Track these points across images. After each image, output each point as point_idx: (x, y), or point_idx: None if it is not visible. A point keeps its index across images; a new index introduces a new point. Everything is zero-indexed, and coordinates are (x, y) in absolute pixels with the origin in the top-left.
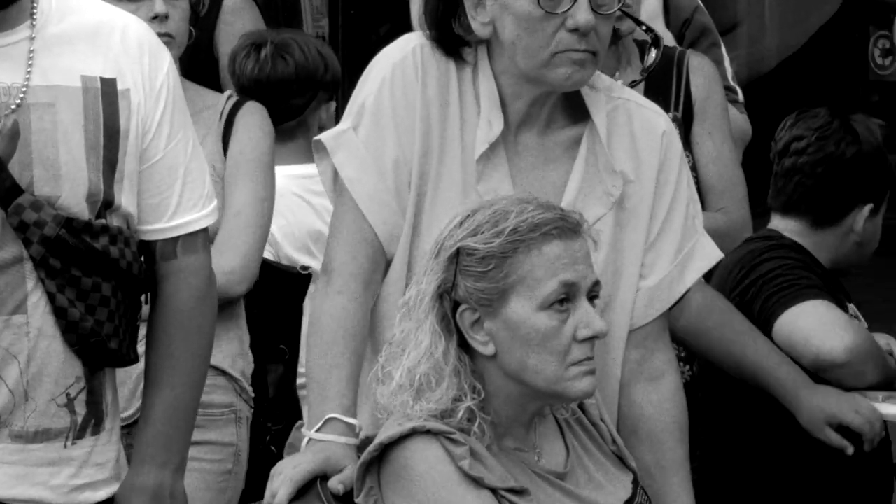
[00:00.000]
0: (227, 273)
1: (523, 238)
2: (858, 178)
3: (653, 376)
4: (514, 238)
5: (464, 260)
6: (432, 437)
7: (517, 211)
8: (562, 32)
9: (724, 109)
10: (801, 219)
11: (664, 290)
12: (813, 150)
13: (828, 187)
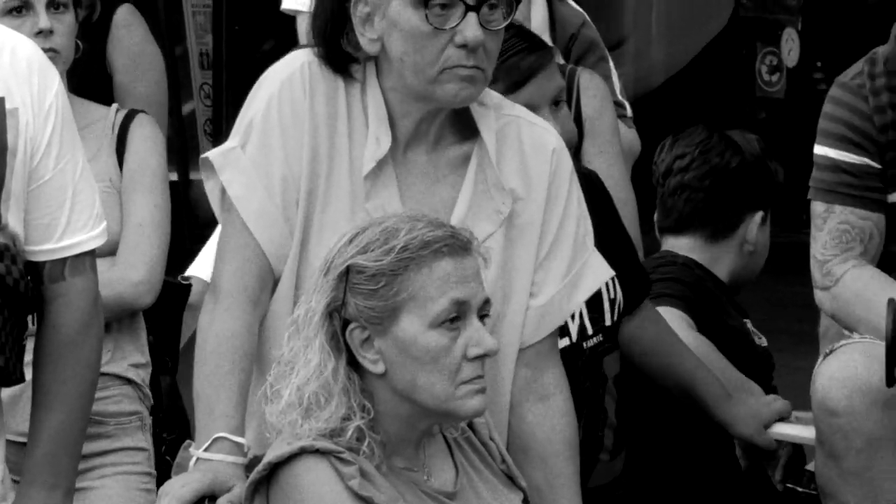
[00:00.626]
0: (136, 284)
1: (413, 256)
2: (746, 187)
3: (543, 395)
4: (404, 256)
5: (353, 278)
6: (321, 456)
7: (407, 228)
8: (450, 48)
9: (614, 128)
10: (695, 235)
11: (555, 308)
12: (697, 164)
13: (718, 198)
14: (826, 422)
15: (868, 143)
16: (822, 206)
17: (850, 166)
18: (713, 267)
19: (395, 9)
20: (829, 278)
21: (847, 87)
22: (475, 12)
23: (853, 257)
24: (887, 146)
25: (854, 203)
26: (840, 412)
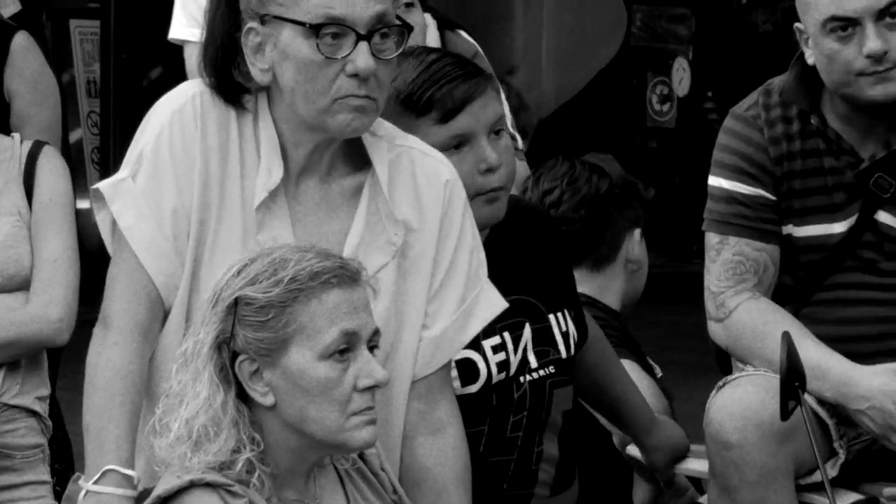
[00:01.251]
0: (55, 322)
1: (303, 287)
2: (620, 207)
3: (435, 428)
4: (293, 287)
5: (242, 310)
6: (211, 489)
7: (296, 259)
8: (342, 78)
9: None
10: (579, 267)
11: (447, 340)
12: (568, 196)
13: (597, 225)
14: (719, 455)
15: (762, 175)
16: (716, 238)
17: (745, 197)
18: (603, 297)
19: (286, 38)
20: (722, 310)
21: (742, 118)
22: (366, 42)
23: (747, 289)
24: (782, 178)
25: (748, 234)
26: (733, 445)
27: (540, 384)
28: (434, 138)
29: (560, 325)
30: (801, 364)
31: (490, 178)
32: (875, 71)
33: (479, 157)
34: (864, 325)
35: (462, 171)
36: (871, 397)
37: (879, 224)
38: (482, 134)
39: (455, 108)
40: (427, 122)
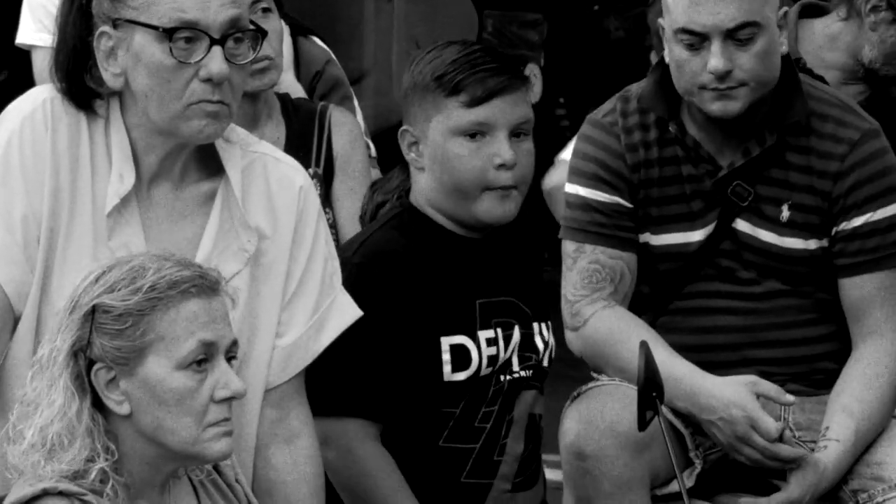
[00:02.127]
0: None
1: (161, 296)
2: None
3: (288, 437)
4: (151, 295)
5: (99, 317)
6: (64, 498)
7: (155, 268)
8: (195, 83)
9: (366, 166)
10: None
11: (301, 348)
12: None
13: None
14: (574, 465)
15: (620, 182)
16: (572, 246)
17: (602, 205)
18: None
19: (138, 43)
20: (577, 319)
21: (599, 125)
22: (220, 46)
23: (603, 298)
24: (639, 185)
25: (605, 242)
26: (589, 456)
27: (516, 385)
28: (456, 121)
29: (542, 335)
30: (659, 374)
31: (502, 174)
32: (716, 88)
33: (494, 152)
34: (722, 335)
35: (475, 163)
36: (721, 408)
37: (738, 232)
38: (503, 129)
39: (483, 96)
40: (454, 103)
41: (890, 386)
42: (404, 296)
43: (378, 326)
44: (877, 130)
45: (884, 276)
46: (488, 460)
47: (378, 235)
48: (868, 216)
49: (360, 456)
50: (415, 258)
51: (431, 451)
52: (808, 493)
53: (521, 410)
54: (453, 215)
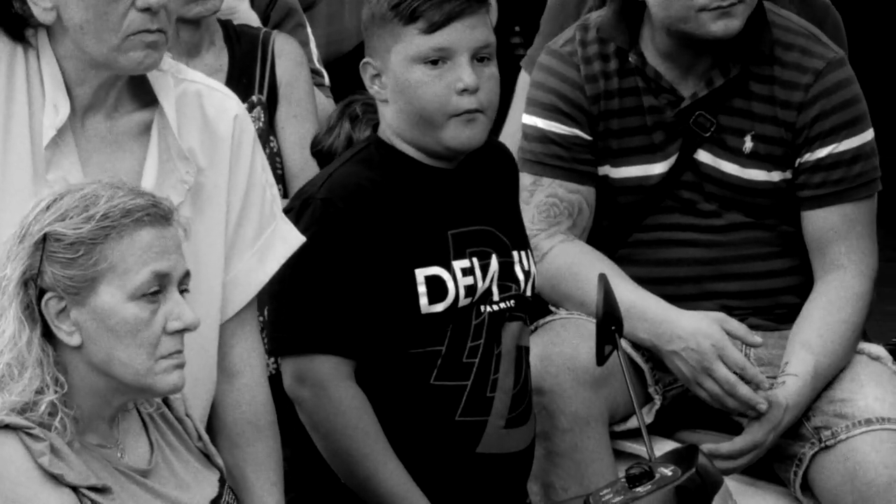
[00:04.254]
0: None
1: (115, 224)
2: None
3: (230, 373)
4: (104, 224)
5: (51, 246)
6: (10, 431)
7: (108, 196)
8: (132, 13)
9: (309, 93)
10: None
11: (242, 281)
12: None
13: None
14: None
15: (578, 114)
16: (529, 179)
17: (560, 137)
18: None
19: None
20: (536, 253)
21: (557, 55)
22: None
23: (561, 231)
24: (599, 117)
25: (563, 176)
26: (546, 391)
27: (499, 316)
28: (416, 48)
29: (523, 263)
30: (618, 307)
31: (465, 99)
32: (719, 6)
33: (456, 77)
34: (683, 267)
35: (437, 89)
36: (688, 338)
37: (699, 164)
38: (464, 54)
39: (441, 21)
40: (412, 30)
41: (852, 320)
42: (373, 229)
43: (348, 261)
44: (842, 60)
45: (847, 208)
46: (481, 397)
47: (343, 170)
48: (832, 147)
49: (332, 394)
50: (382, 191)
51: (423, 391)
52: (769, 433)
53: (508, 343)
54: (421, 145)
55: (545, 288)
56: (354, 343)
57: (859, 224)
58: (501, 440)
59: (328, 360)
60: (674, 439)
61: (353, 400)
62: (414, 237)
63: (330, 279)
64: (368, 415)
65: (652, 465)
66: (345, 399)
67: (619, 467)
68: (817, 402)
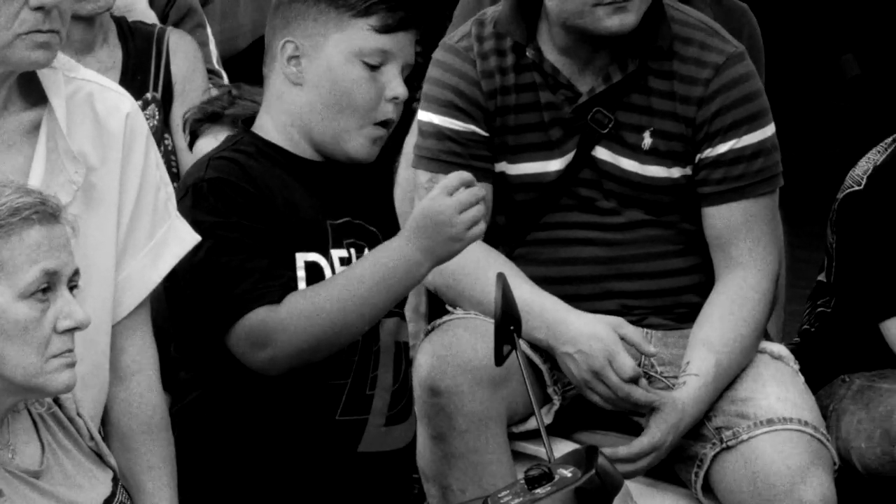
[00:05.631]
0: None
1: (2, 223)
2: None
3: (122, 375)
4: None
5: None
6: None
7: None
8: (25, 12)
9: (205, 91)
10: None
11: (136, 280)
12: None
13: None
14: (428, 401)
15: (475, 110)
16: (426, 176)
17: (456, 134)
18: None
19: None
20: None
21: (453, 50)
22: None
23: None
24: (495, 113)
25: None
26: (443, 391)
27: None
28: (361, 44)
29: None
30: (516, 307)
31: (391, 107)
32: (614, 1)
33: (389, 84)
34: (582, 266)
35: (371, 91)
36: (581, 340)
37: (597, 161)
38: (399, 63)
39: (395, 25)
40: (362, 25)
41: (753, 319)
42: (260, 205)
43: (241, 231)
44: (742, 54)
45: (749, 204)
46: (361, 395)
47: (223, 155)
48: (733, 143)
49: (283, 317)
50: (263, 175)
51: (305, 389)
52: (669, 434)
53: (387, 339)
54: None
55: (442, 287)
56: (276, 288)
57: (761, 221)
58: (382, 438)
59: (260, 310)
60: (573, 440)
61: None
62: (295, 222)
63: (228, 249)
64: (324, 284)
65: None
66: (292, 306)
67: (518, 469)
68: (719, 401)
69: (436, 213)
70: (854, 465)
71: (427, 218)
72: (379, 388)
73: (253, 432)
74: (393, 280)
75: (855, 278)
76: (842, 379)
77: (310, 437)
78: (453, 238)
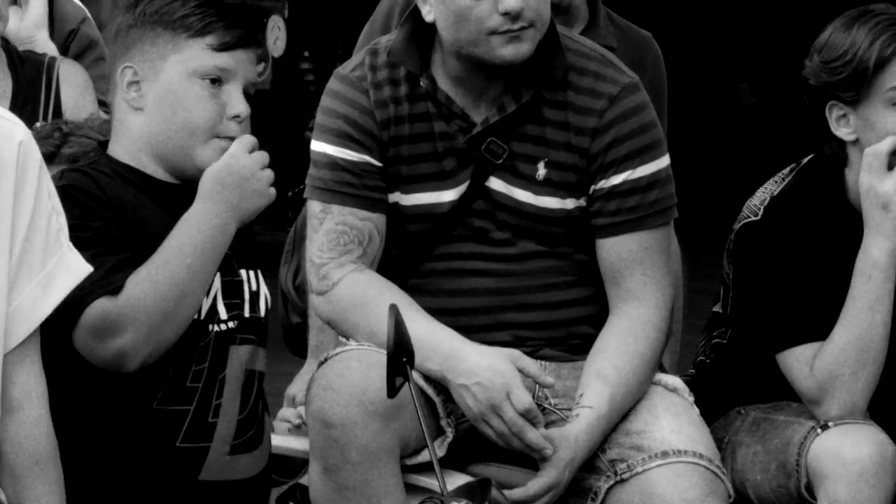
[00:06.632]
0: None
1: None
2: None
3: (11, 406)
4: None
5: None
6: None
7: None
8: None
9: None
10: None
11: (25, 311)
12: None
13: None
14: (321, 433)
15: (368, 140)
16: (319, 206)
17: (350, 164)
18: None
19: None
20: (325, 282)
21: (347, 80)
22: None
23: (351, 261)
24: (389, 143)
25: (353, 203)
26: (336, 423)
27: (225, 337)
28: (200, 63)
29: (251, 284)
30: (409, 339)
31: (233, 125)
32: (509, 29)
33: (230, 102)
34: (476, 297)
35: (211, 108)
36: (479, 373)
37: (491, 191)
38: (241, 81)
39: (232, 43)
40: (199, 44)
41: (647, 351)
42: (112, 215)
43: (93, 231)
44: (636, 84)
45: (643, 236)
46: (203, 422)
47: (78, 168)
48: (627, 174)
49: (122, 307)
50: (116, 191)
51: (145, 415)
52: (565, 471)
53: (235, 367)
54: (167, 157)
55: (335, 318)
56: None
57: (655, 252)
58: (227, 467)
59: (100, 300)
60: (466, 473)
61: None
62: (146, 238)
63: (90, 238)
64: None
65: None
66: (129, 291)
67: (412, 501)
68: (613, 434)
69: (240, 168)
70: (749, 498)
71: (231, 175)
72: (223, 416)
73: (91, 456)
74: (209, 243)
75: (751, 309)
76: (737, 411)
77: (149, 463)
78: (259, 193)
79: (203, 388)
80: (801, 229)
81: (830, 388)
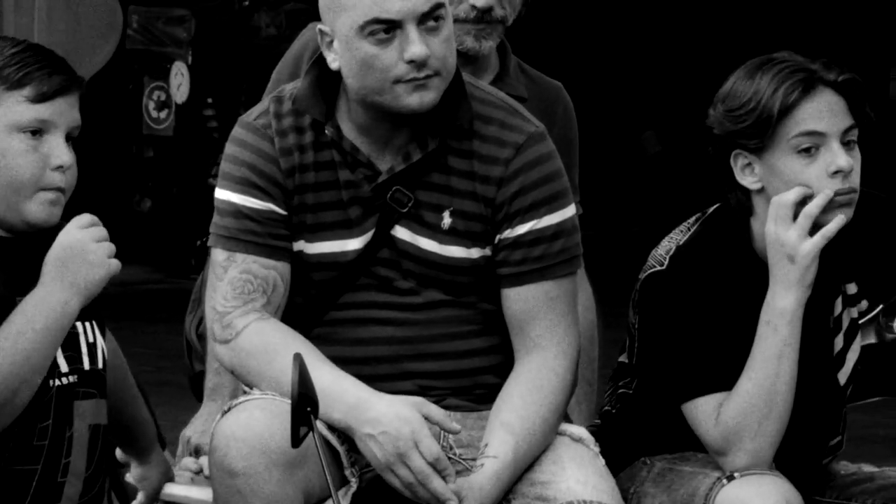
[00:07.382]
0: None
1: None
2: None
3: None
4: None
5: None
6: None
7: None
8: None
9: None
10: None
11: None
12: None
13: None
14: (224, 483)
15: (273, 188)
16: (223, 254)
17: (254, 212)
18: None
19: None
20: (229, 331)
21: (251, 128)
22: None
23: (255, 309)
24: (293, 191)
25: (257, 251)
26: (239, 473)
27: (67, 392)
28: (19, 116)
29: (87, 336)
30: (314, 388)
31: (57, 175)
32: (414, 78)
33: (52, 153)
34: (380, 346)
35: (33, 161)
36: (385, 422)
37: (397, 240)
38: (61, 130)
39: (49, 93)
40: (16, 97)
41: (552, 401)
42: None
43: None
44: (542, 134)
45: (548, 286)
46: (52, 482)
47: None
48: (533, 223)
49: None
50: None
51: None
52: None
53: (81, 424)
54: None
55: (239, 367)
56: None
57: (561, 302)
58: None
59: None
60: None
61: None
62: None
63: None
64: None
65: None
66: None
67: None
68: (518, 484)
69: (73, 243)
70: None
71: (66, 251)
72: (71, 475)
73: None
74: (52, 326)
75: (657, 359)
76: (643, 461)
77: None
78: (95, 264)
79: (49, 447)
80: (707, 279)
81: (736, 439)
